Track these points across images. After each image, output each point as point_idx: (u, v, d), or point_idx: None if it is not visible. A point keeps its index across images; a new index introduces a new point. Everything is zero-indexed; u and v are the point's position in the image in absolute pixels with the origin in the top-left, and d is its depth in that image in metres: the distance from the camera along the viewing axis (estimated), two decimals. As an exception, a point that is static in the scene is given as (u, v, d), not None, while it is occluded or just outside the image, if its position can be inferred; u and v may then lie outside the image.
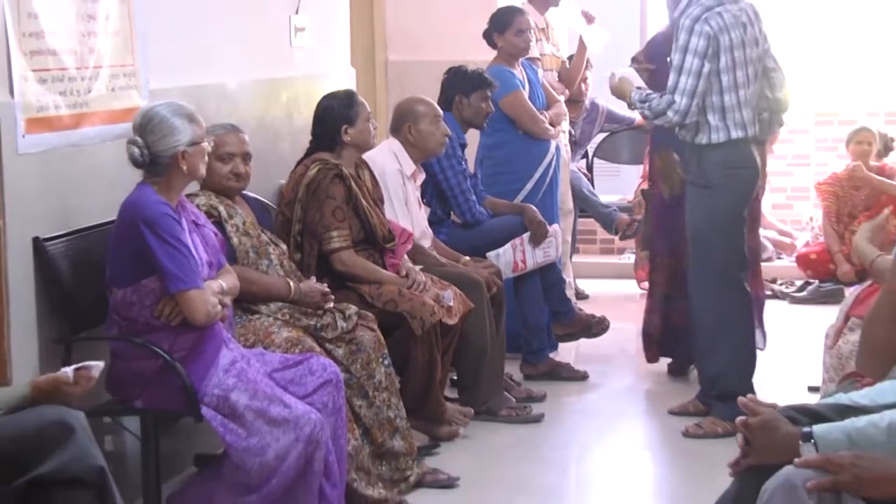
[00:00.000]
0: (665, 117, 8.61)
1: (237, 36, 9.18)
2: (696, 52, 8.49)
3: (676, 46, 8.58)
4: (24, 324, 6.81)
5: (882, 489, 4.27)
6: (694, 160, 8.74)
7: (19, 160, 6.76)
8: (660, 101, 8.58)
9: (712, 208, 8.69)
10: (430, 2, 13.71)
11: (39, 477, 5.10)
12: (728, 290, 8.85)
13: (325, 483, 6.98)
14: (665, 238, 9.88)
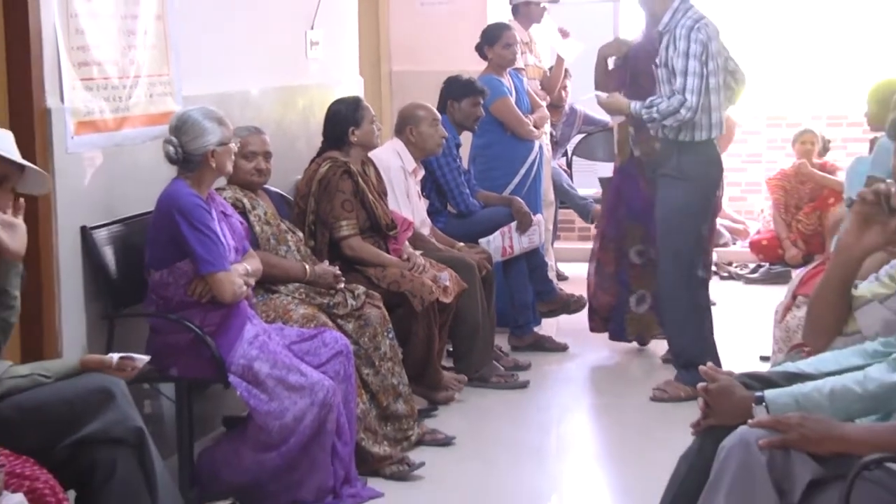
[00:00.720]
0: (677, 115, 8.46)
1: (259, 49, 9.19)
2: (696, 56, 8.43)
3: (676, 53, 8.47)
4: (72, 303, 6.83)
5: (825, 446, 4.29)
6: (674, 155, 8.63)
7: (69, 158, 6.79)
8: (669, 102, 8.45)
9: (686, 199, 8.64)
10: (428, 18, 13.70)
11: (85, 437, 5.09)
12: (693, 272, 8.81)
13: (337, 441, 7.03)
14: (613, 224, 9.82)
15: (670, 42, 8.53)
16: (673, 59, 8.52)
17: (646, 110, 8.42)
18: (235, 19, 8.73)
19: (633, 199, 9.63)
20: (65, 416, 5.12)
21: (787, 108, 15.83)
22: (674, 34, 8.50)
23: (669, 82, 8.58)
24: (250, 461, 6.89)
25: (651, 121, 8.45)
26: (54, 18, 6.69)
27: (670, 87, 8.56)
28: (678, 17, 8.58)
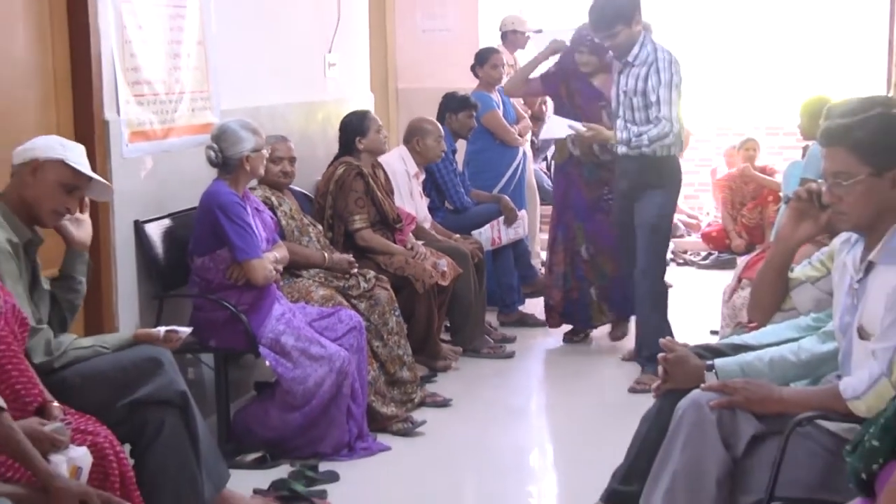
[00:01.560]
0: (665, 140, 8.10)
1: (285, 69, 9.18)
2: (677, 87, 8.09)
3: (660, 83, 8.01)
4: (127, 285, 6.85)
5: (765, 407, 4.31)
6: (654, 169, 8.26)
7: (124, 162, 6.80)
8: (658, 129, 8.02)
9: (666, 204, 8.47)
10: (429, 43, 13.68)
11: (138, 399, 5.10)
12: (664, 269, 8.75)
13: (351, 403, 7.06)
14: (563, 228, 9.48)
15: (650, 73, 8.08)
16: (656, 89, 8.04)
17: (636, 138, 8.09)
18: (264, 44, 8.72)
19: (577, 202, 9.38)
20: (121, 381, 5.13)
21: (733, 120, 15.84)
22: (655, 66, 8.07)
23: (645, 109, 8.14)
24: (277, 420, 6.94)
25: (639, 146, 8.12)
26: (112, 44, 6.71)
27: (645, 113, 8.14)
28: (648, 49, 8.14)
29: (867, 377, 3.96)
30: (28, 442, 4.26)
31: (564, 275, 9.47)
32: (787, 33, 16.42)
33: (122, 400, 5.09)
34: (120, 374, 5.16)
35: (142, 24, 7.02)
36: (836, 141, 4.13)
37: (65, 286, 5.33)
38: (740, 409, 4.32)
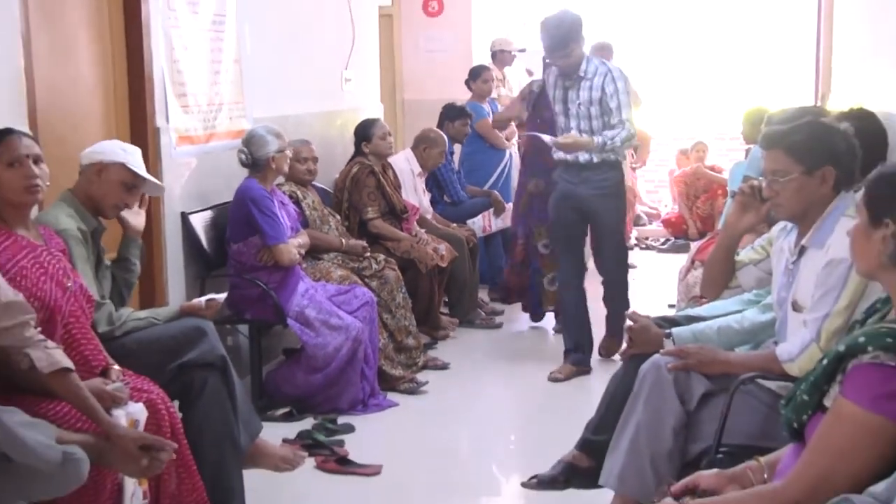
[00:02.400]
0: (631, 141, 7.79)
1: (308, 83, 9.19)
2: (627, 93, 7.55)
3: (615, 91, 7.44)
4: (174, 267, 6.85)
5: (714, 368, 4.33)
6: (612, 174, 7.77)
7: (172, 163, 6.81)
8: (621, 133, 7.43)
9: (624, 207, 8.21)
10: (430, 61, 13.68)
11: (185, 362, 5.10)
12: None
13: (364, 366, 7.09)
14: (523, 226, 9.10)
15: (605, 82, 7.47)
16: (615, 96, 7.45)
17: (610, 142, 7.44)
18: (291, 62, 8.73)
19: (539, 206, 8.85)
20: (170, 348, 5.14)
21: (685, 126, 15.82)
22: (610, 76, 7.49)
23: (601, 116, 7.53)
24: (302, 380, 6.98)
25: (612, 149, 7.59)
26: (162, 63, 6.71)
27: (602, 121, 7.54)
28: (594, 62, 7.62)
29: (799, 343, 3.99)
30: (94, 398, 4.27)
31: (521, 263, 9.19)
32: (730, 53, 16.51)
33: (171, 363, 5.10)
34: (170, 342, 5.17)
35: (187, 46, 7.03)
36: (774, 144, 4.15)
37: (122, 267, 5.34)
38: (693, 371, 4.35)
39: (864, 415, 2.75)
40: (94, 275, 5.05)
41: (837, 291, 3.88)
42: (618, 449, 4.47)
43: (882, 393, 2.72)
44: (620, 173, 7.90)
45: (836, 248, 3.88)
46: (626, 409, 4.50)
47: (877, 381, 2.74)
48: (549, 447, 5.61)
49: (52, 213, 4.99)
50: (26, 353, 4.18)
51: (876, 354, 2.76)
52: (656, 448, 4.34)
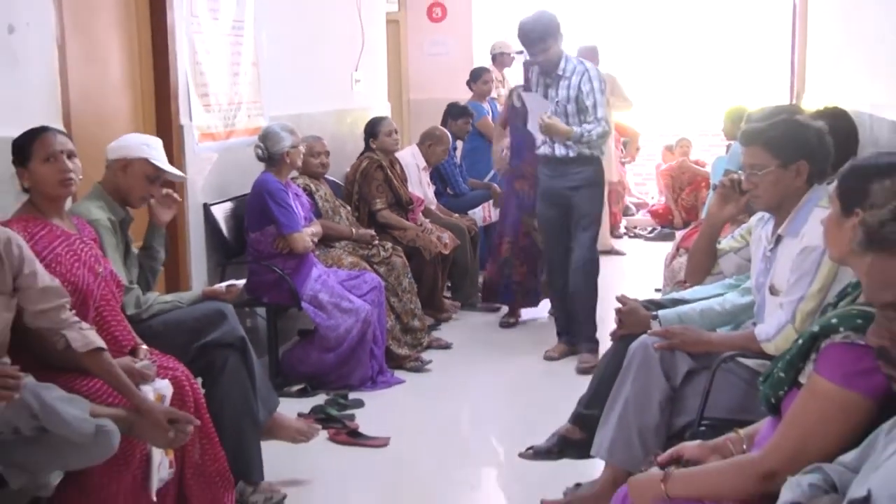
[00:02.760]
0: (605, 136, 7.38)
1: (321, 84, 9.21)
2: (603, 92, 7.29)
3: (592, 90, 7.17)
4: (197, 254, 6.88)
5: (697, 347, 4.35)
6: (588, 168, 7.44)
7: (195, 158, 6.83)
8: (596, 128, 7.17)
9: (600, 199, 7.85)
10: (434, 63, 13.72)
11: (207, 342, 5.11)
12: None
13: (373, 346, 7.10)
14: (507, 224, 8.77)
15: (581, 81, 7.22)
16: (591, 94, 7.19)
17: (587, 134, 7.17)
18: (304, 64, 8.74)
19: (526, 198, 8.59)
20: (193, 329, 5.15)
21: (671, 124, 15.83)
22: (588, 75, 7.24)
23: (577, 114, 7.27)
24: (316, 359, 6.99)
25: (588, 141, 7.28)
26: (186, 65, 6.72)
27: (578, 118, 7.28)
28: (573, 62, 7.33)
29: (776, 324, 4.00)
30: (124, 375, 4.29)
31: (506, 261, 8.77)
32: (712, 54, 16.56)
33: (194, 343, 5.11)
34: (193, 323, 5.18)
35: (209, 50, 7.04)
36: (752, 140, 4.16)
37: (147, 255, 5.35)
38: (678, 350, 4.37)
39: (837, 390, 2.76)
40: (123, 262, 5.07)
41: (811, 276, 3.90)
42: (608, 422, 4.50)
43: (853, 370, 2.73)
44: (597, 168, 7.58)
45: (810, 237, 3.90)
46: (615, 385, 4.53)
47: (848, 359, 2.75)
48: (544, 421, 5.63)
49: (85, 204, 5.01)
50: (62, 333, 4.20)
51: (847, 335, 2.77)
52: (643, 421, 4.37)
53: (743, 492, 2.87)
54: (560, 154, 7.41)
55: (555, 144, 7.40)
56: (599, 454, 4.56)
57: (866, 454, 2.47)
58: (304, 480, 5.45)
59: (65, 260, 4.48)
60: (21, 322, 4.19)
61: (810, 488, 2.50)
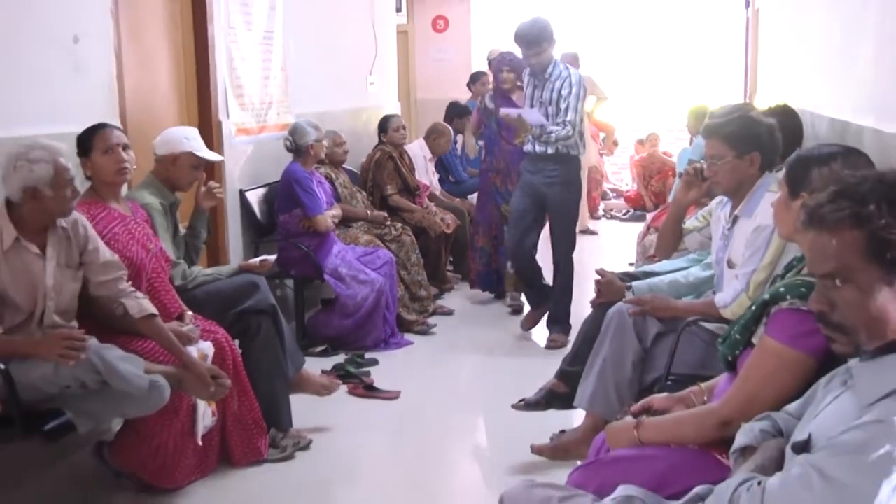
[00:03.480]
0: (568, 140, 6.85)
1: (340, 86, 9.19)
2: (581, 98, 6.92)
3: (570, 94, 6.87)
4: (234, 233, 6.88)
5: (665, 313, 4.36)
6: (563, 166, 7.08)
7: (232, 150, 6.83)
8: (559, 131, 6.83)
9: (575, 195, 7.29)
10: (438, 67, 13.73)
11: (243, 309, 5.13)
12: None
13: (386, 312, 7.12)
14: (485, 214, 8.32)
15: (563, 85, 6.93)
16: (566, 98, 6.88)
17: (546, 135, 6.89)
18: (326, 69, 8.72)
19: (499, 190, 8.21)
20: (231, 297, 5.16)
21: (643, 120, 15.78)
22: (569, 80, 6.93)
23: (556, 116, 6.95)
24: (336, 324, 6.99)
25: (547, 140, 6.94)
26: (224, 71, 6.72)
27: (556, 120, 6.93)
28: (560, 67, 7.00)
29: (732, 293, 4.01)
30: (173, 337, 4.32)
31: (482, 249, 8.34)
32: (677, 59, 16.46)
33: (232, 310, 5.12)
34: (231, 293, 5.18)
35: (244, 57, 7.04)
36: (712, 134, 4.16)
37: (192, 234, 5.35)
38: (649, 315, 4.39)
39: (784, 349, 2.78)
40: (172, 240, 5.08)
41: (762, 251, 3.91)
42: (588, 378, 4.51)
43: (798, 332, 2.75)
44: (573, 166, 7.18)
45: (762, 217, 3.91)
46: (595, 346, 4.54)
47: (794, 322, 2.77)
48: (533, 377, 5.64)
49: (139, 190, 5.03)
50: (121, 301, 4.23)
51: (793, 301, 2.79)
52: (619, 377, 4.39)
53: (704, 437, 2.88)
54: (539, 150, 7.07)
55: (535, 142, 7.05)
56: (581, 405, 4.58)
57: (807, 404, 2.49)
58: (326, 427, 5.46)
59: (121, 238, 4.51)
60: (86, 292, 4.24)
61: (761, 433, 2.51)
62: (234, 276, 5.40)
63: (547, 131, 6.89)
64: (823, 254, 2.14)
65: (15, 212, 3.98)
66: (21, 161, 3.90)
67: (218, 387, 4.38)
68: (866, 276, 2.10)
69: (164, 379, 4.10)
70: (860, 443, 2.00)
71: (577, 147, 7.06)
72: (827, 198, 2.16)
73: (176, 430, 4.51)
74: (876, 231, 2.07)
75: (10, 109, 4.59)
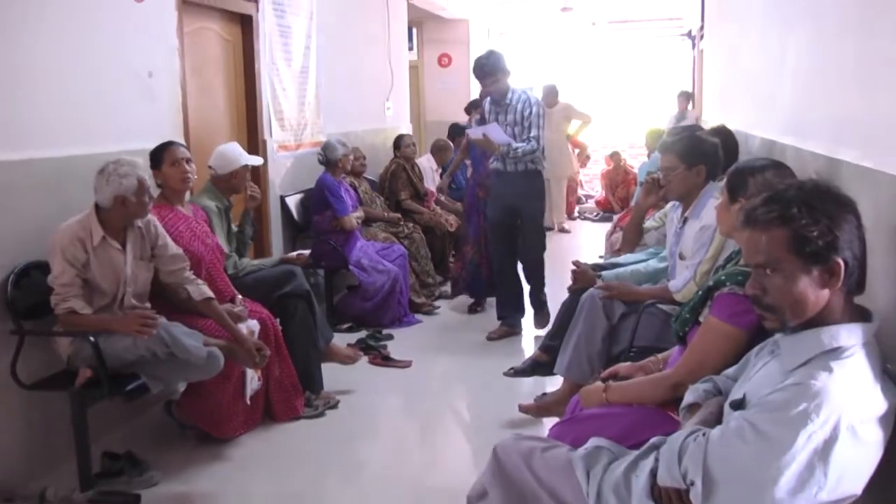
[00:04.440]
0: (534, 153, 6.30)
1: (363, 110, 9.16)
2: (542, 117, 6.39)
3: (530, 114, 6.35)
4: (276, 231, 6.89)
5: (629, 297, 4.35)
6: (529, 181, 6.52)
7: (275, 163, 6.84)
8: (524, 146, 6.26)
9: (540, 208, 6.73)
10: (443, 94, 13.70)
11: (283, 293, 5.14)
12: None
13: (400, 296, 7.10)
14: (473, 227, 7.41)
15: (523, 108, 6.38)
16: (529, 117, 6.35)
17: (513, 151, 6.29)
18: (351, 96, 8.70)
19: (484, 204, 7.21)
20: (273, 283, 5.17)
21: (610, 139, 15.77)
22: (528, 102, 6.38)
23: (522, 135, 6.38)
24: (359, 305, 6.97)
25: (514, 157, 6.37)
26: (268, 98, 6.72)
27: (520, 138, 6.38)
28: (518, 93, 6.44)
29: (683, 281, 4.00)
30: (227, 316, 4.35)
31: (472, 260, 7.45)
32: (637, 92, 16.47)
33: (274, 294, 5.13)
34: (273, 280, 5.21)
35: (284, 87, 7.04)
36: (667, 150, 4.17)
37: (241, 232, 5.34)
38: (615, 299, 4.39)
39: (724, 326, 2.79)
40: (225, 236, 5.10)
41: (707, 246, 3.90)
42: (566, 350, 4.52)
43: (735, 312, 2.76)
44: (539, 179, 6.63)
45: (707, 218, 3.91)
46: (571, 324, 4.55)
47: (732, 304, 2.78)
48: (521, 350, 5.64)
49: (199, 196, 5.06)
50: (185, 287, 4.26)
51: (732, 287, 2.80)
52: (591, 349, 4.40)
53: (660, 397, 2.88)
54: (510, 169, 6.53)
55: (503, 160, 6.51)
56: (560, 372, 4.58)
57: (742, 369, 2.51)
58: (351, 390, 5.48)
59: (185, 235, 4.53)
60: (157, 279, 4.27)
61: (705, 393, 2.53)
62: (275, 266, 5.42)
63: (513, 147, 6.36)
64: (756, 248, 2.16)
65: (102, 215, 4.03)
66: (112, 175, 3.97)
67: (262, 357, 4.41)
68: (790, 266, 2.12)
69: (219, 350, 4.13)
70: (783, 401, 2.03)
71: (540, 162, 6.55)
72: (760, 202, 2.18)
73: (229, 392, 4.54)
74: (798, 229, 2.10)
75: (97, 130, 4.63)
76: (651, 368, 3.21)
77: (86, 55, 4.55)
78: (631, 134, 15.70)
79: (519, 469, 2.50)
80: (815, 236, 2.08)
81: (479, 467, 2.60)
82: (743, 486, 2.03)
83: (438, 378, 5.85)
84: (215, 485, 4.17)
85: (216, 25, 6.25)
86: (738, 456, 2.04)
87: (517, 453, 2.53)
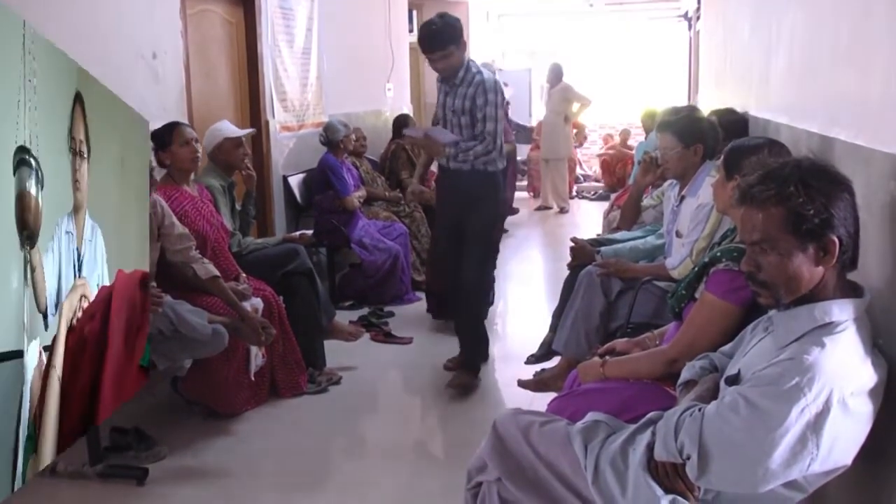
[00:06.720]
0: (490, 154, 4.88)
1: (365, 92, 9.15)
2: (501, 106, 4.89)
3: (485, 102, 4.85)
4: (279, 211, 6.91)
5: (626, 274, 4.35)
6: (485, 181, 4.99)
7: (277, 144, 6.84)
8: (484, 146, 4.85)
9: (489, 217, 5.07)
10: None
11: (286, 271, 5.15)
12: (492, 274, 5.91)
13: (401, 274, 7.09)
14: None
15: (476, 93, 4.87)
16: (483, 108, 4.86)
17: (462, 154, 4.89)
18: (353, 78, 8.69)
19: None
20: (277, 262, 5.18)
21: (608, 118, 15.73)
22: (483, 87, 4.87)
23: (471, 126, 4.95)
24: (361, 282, 6.98)
25: (465, 159, 4.90)
26: (270, 80, 6.72)
27: (471, 131, 4.95)
28: (472, 71, 4.94)
29: (679, 258, 4.01)
30: (232, 294, 4.35)
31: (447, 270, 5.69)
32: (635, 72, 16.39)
33: (278, 272, 5.14)
34: (276, 259, 5.22)
35: (286, 68, 7.03)
36: (665, 129, 4.16)
37: (244, 212, 5.37)
38: (613, 276, 4.38)
39: (719, 302, 2.79)
40: (230, 215, 5.11)
41: (703, 224, 3.90)
42: (564, 326, 4.52)
43: (731, 288, 2.77)
44: (490, 184, 5.08)
45: (704, 196, 3.91)
46: (569, 300, 4.55)
47: (728, 280, 2.78)
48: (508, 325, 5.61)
49: (204, 175, 5.06)
50: (191, 266, 4.27)
51: (728, 263, 2.80)
52: (589, 325, 4.39)
53: (656, 373, 2.89)
54: (454, 167, 5.07)
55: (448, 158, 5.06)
56: (558, 348, 4.58)
57: (737, 345, 2.51)
58: (353, 366, 5.50)
59: (191, 215, 4.53)
60: (163, 258, 4.26)
61: (701, 370, 2.53)
62: (279, 245, 5.42)
63: (463, 149, 4.97)
64: (752, 225, 2.16)
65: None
66: None
67: (266, 334, 4.41)
68: (786, 244, 2.11)
69: (224, 328, 4.14)
70: (776, 376, 2.04)
71: (494, 163, 5.04)
72: (756, 180, 2.17)
73: (234, 368, 4.54)
74: (794, 207, 2.09)
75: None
76: (648, 344, 3.21)
77: (90, 37, 4.54)
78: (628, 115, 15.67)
79: (518, 443, 2.51)
80: (812, 215, 2.07)
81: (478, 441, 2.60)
82: (737, 459, 2.04)
83: (439, 354, 5.86)
84: (221, 459, 4.19)
85: (219, 7, 6.23)
86: (732, 429, 2.05)
87: (516, 427, 2.54)
